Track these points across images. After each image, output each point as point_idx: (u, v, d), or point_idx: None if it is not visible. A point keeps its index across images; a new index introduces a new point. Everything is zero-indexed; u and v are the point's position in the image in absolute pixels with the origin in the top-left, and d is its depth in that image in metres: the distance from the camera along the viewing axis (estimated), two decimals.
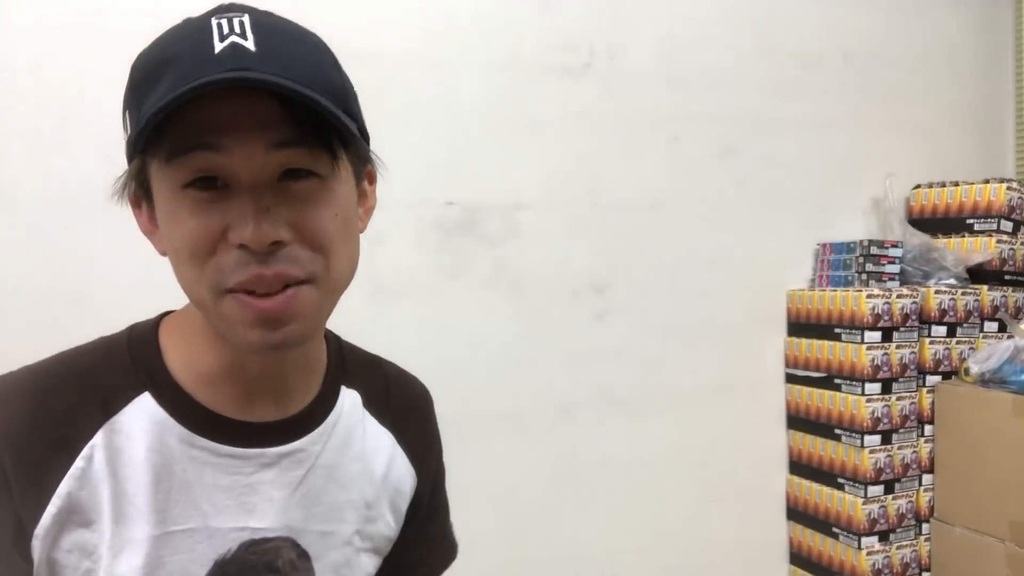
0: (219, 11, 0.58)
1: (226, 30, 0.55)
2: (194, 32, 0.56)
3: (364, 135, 0.64)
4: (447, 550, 0.86)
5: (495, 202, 1.69)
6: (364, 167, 0.66)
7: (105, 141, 1.37)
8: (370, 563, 0.76)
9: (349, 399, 0.75)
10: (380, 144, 0.67)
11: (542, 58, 1.73)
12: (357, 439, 0.74)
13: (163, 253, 0.62)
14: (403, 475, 0.78)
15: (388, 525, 0.77)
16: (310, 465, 0.70)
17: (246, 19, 0.57)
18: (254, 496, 0.66)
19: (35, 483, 0.60)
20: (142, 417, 0.64)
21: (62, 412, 0.62)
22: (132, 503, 0.62)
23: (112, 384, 0.64)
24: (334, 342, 0.75)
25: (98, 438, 0.62)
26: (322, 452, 0.71)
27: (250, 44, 0.55)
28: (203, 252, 0.57)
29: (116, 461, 0.62)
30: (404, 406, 0.80)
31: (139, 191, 0.62)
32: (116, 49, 1.37)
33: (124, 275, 1.30)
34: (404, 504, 0.79)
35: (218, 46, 0.55)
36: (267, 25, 0.57)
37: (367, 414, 0.76)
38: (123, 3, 1.39)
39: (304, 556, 0.69)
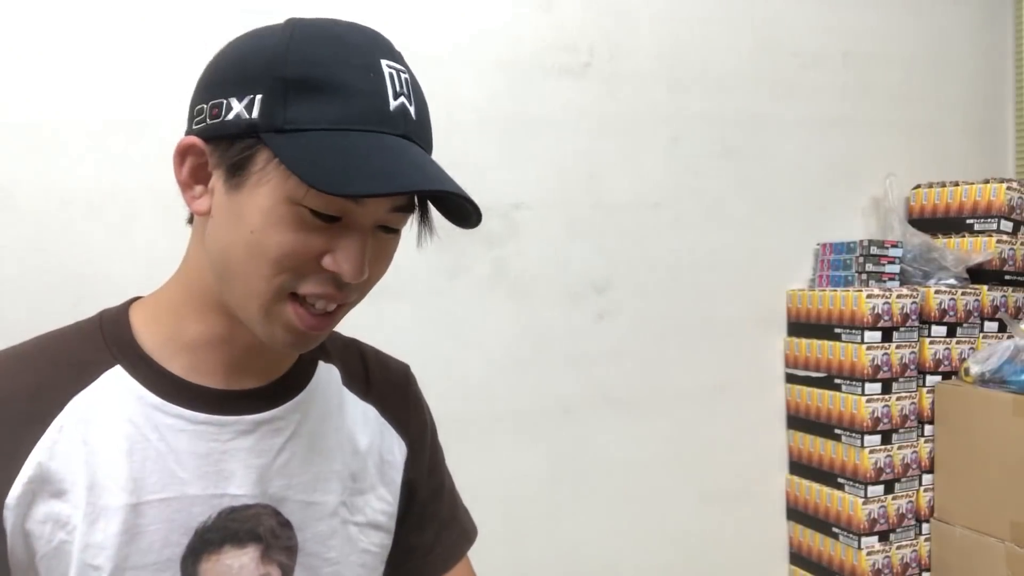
0: (384, 51, 0.63)
1: (399, 87, 0.61)
2: (366, 66, 0.61)
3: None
4: (461, 532, 0.86)
5: (495, 202, 1.69)
6: None
7: (106, 141, 1.38)
8: (367, 539, 0.76)
9: (327, 373, 0.77)
10: None
11: (542, 58, 1.73)
12: (336, 411, 0.76)
13: (201, 212, 0.63)
14: (389, 445, 0.79)
15: (383, 499, 0.77)
16: (290, 434, 0.71)
17: (409, 79, 0.63)
18: (232, 463, 0.67)
19: (4, 454, 0.61)
20: (114, 388, 0.65)
21: (32, 387, 0.64)
22: (106, 472, 0.63)
23: (83, 359, 0.66)
24: None
25: (69, 410, 0.64)
26: (303, 421, 0.72)
27: (412, 110, 0.62)
28: (291, 263, 0.60)
29: (88, 432, 0.63)
30: (385, 381, 0.82)
31: (225, 161, 0.61)
32: (117, 48, 1.38)
33: (124, 275, 1.31)
34: (397, 475, 0.79)
35: (392, 102, 0.60)
36: (415, 88, 0.64)
37: (347, 390, 0.78)
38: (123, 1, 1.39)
39: (286, 525, 0.70)
